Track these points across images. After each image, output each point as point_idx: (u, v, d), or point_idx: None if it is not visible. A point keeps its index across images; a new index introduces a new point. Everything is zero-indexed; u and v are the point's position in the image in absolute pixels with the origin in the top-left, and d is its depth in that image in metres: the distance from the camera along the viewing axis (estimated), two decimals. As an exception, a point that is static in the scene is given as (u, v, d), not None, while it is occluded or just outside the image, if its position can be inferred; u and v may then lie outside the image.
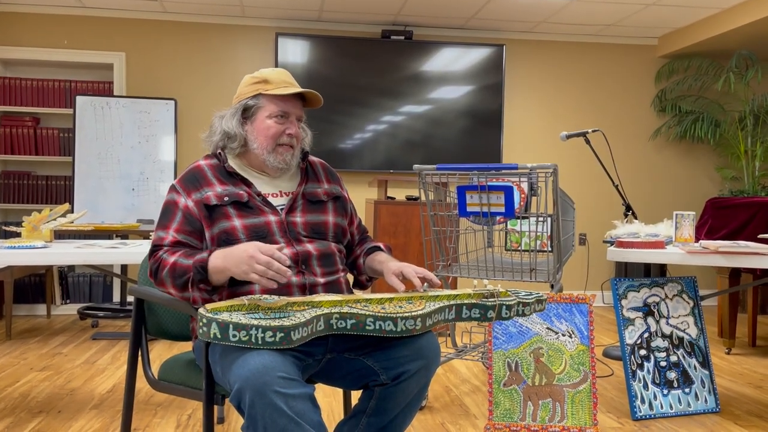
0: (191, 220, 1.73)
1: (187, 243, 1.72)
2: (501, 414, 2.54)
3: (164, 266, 1.65)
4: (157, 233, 1.74)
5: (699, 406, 2.79)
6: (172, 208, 1.75)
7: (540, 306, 1.73)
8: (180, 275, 1.62)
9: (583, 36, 5.60)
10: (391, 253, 1.94)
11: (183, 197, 1.74)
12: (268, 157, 1.78)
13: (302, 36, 5.19)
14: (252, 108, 1.79)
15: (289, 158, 1.80)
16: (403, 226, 3.99)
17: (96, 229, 3.93)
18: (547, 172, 2.51)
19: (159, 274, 1.66)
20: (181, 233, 1.72)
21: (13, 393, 2.97)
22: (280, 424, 1.41)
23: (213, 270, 1.59)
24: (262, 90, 1.78)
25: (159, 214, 1.78)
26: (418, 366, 1.65)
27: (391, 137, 5.31)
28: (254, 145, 1.79)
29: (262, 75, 1.80)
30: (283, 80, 1.80)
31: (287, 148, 1.79)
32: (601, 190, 5.52)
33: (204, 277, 1.59)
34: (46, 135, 5.01)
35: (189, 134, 5.09)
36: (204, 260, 1.60)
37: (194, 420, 2.65)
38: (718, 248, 2.59)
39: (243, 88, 1.83)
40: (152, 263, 1.69)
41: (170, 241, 1.71)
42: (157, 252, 1.70)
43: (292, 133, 1.80)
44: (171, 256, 1.66)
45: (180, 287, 1.63)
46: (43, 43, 5.01)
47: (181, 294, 1.65)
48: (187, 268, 1.61)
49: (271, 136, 1.77)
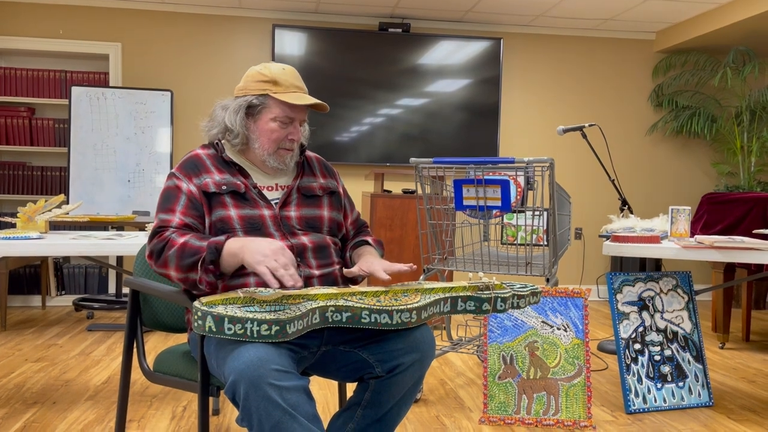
0: (196, 205, 1.71)
1: (193, 227, 1.69)
2: (496, 407, 2.55)
3: (172, 245, 1.61)
4: (160, 216, 1.70)
5: (692, 400, 2.80)
6: (175, 192, 1.72)
7: (535, 298, 1.74)
8: (189, 255, 1.59)
9: (581, 30, 5.59)
10: (381, 247, 1.93)
11: (185, 182, 1.73)
12: (269, 159, 1.78)
13: (299, 28, 5.17)
14: (257, 107, 1.77)
15: (288, 160, 1.81)
16: (399, 219, 3.99)
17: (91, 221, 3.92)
18: (543, 166, 2.52)
19: (164, 253, 1.62)
20: (187, 216, 1.69)
21: (8, 384, 2.97)
22: (275, 417, 1.41)
23: (228, 252, 1.58)
24: (270, 91, 1.75)
25: (160, 200, 1.74)
26: (412, 359, 1.66)
27: (388, 130, 5.30)
28: (255, 145, 1.78)
29: (272, 74, 1.76)
30: (292, 84, 1.77)
31: (287, 151, 1.79)
32: (598, 184, 5.53)
33: (215, 258, 1.58)
34: (41, 125, 4.99)
35: (185, 126, 5.08)
36: (221, 242, 1.59)
37: (189, 411, 2.65)
38: (713, 243, 2.60)
39: (249, 83, 1.79)
40: (157, 242, 1.65)
41: (177, 222, 1.68)
42: (162, 232, 1.66)
43: (295, 139, 1.79)
44: (181, 236, 1.63)
45: (185, 268, 1.59)
46: (39, 33, 4.98)
47: (182, 275, 1.61)
48: (198, 248, 1.59)
49: (274, 140, 1.77)
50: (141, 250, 2.03)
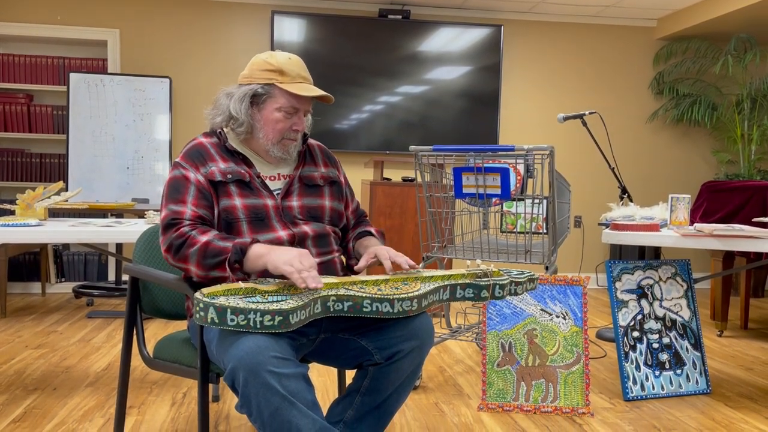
0: (206, 195, 1.70)
1: (206, 219, 1.68)
2: (494, 394, 2.56)
3: (193, 243, 1.60)
4: (170, 207, 1.67)
5: (690, 387, 2.81)
6: (184, 182, 1.70)
7: (532, 285, 1.75)
8: (212, 255, 1.58)
9: (582, 17, 5.56)
10: (383, 237, 1.93)
11: (192, 172, 1.71)
12: (272, 148, 1.77)
13: (298, 14, 5.14)
14: (262, 96, 1.75)
15: (291, 149, 1.80)
16: (399, 207, 3.99)
17: (91, 208, 3.92)
18: (543, 153, 2.51)
19: (184, 250, 1.61)
20: (200, 207, 1.68)
21: (8, 370, 2.98)
22: (274, 403, 1.42)
23: (253, 254, 1.57)
24: (276, 81, 1.74)
25: (167, 190, 1.71)
26: (411, 346, 1.66)
27: (388, 118, 5.28)
28: (260, 134, 1.77)
29: (278, 64, 1.75)
30: (298, 74, 1.76)
31: (291, 141, 1.79)
32: (597, 172, 5.52)
33: (240, 258, 1.58)
34: (40, 112, 4.97)
35: (184, 113, 5.06)
36: (246, 243, 1.59)
37: (189, 398, 2.67)
38: (712, 231, 2.60)
39: (255, 71, 1.77)
40: (174, 237, 1.63)
41: (191, 215, 1.66)
42: (179, 226, 1.64)
43: (299, 129, 1.79)
44: (202, 234, 1.61)
45: (208, 267, 1.59)
46: (36, 19, 4.95)
47: (203, 272, 1.61)
48: (222, 249, 1.58)
49: (279, 130, 1.76)
50: (140, 237, 2.03)
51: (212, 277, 1.62)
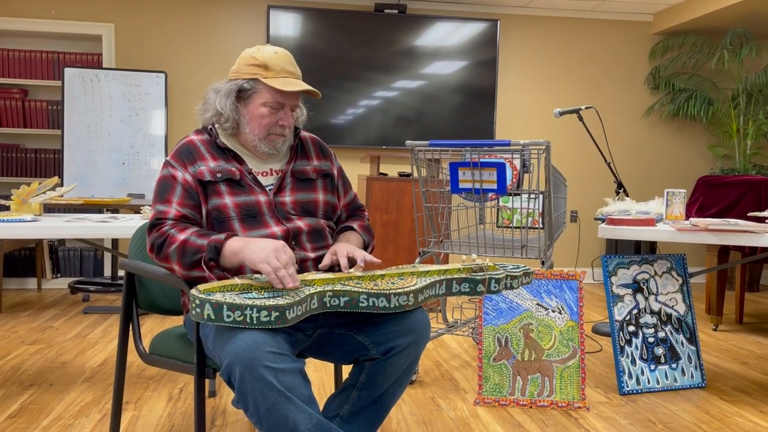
0: (192, 194, 1.70)
1: (191, 218, 1.69)
2: (490, 388, 2.57)
3: (172, 242, 1.61)
4: (157, 207, 1.70)
5: (685, 381, 2.83)
6: (171, 182, 1.71)
7: (527, 279, 1.75)
8: (191, 254, 1.59)
9: (578, 12, 5.56)
10: (367, 233, 1.90)
11: (180, 171, 1.72)
12: (259, 144, 1.77)
13: (294, 9, 5.12)
14: (248, 91, 1.75)
15: (279, 145, 1.79)
16: (395, 202, 3.99)
17: (86, 203, 3.90)
18: (539, 148, 2.51)
19: (164, 250, 1.63)
20: (184, 207, 1.69)
21: (4, 366, 2.98)
22: (270, 398, 1.42)
23: (229, 250, 1.57)
24: (260, 76, 1.73)
25: (156, 190, 1.73)
26: (408, 341, 1.67)
27: (384, 113, 5.28)
28: (246, 129, 1.77)
29: (263, 58, 1.74)
30: (283, 68, 1.75)
31: (278, 136, 1.78)
32: (593, 167, 5.53)
33: (215, 256, 1.57)
34: (35, 107, 4.95)
35: (179, 108, 5.04)
36: (220, 241, 1.58)
37: (186, 393, 2.67)
38: (707, 226, 2.61)
39: (241, 66, 1.77)
40: (156, 237, 1.65)
41: (174, 214, 1.67)
42: (160, 226, 1.66)
43: (285, 125, 1.77)
44: (180, 233, 1.62)
45: (187, 265, 1.60)
46: (30, 14, 4.92)
47: (185, 272, 1.62)
48: (199, 247, 1.58)
49: (264, 126, 1.75)
50: (136, 232, 2.03)
51: (194, 277, 1.62)
